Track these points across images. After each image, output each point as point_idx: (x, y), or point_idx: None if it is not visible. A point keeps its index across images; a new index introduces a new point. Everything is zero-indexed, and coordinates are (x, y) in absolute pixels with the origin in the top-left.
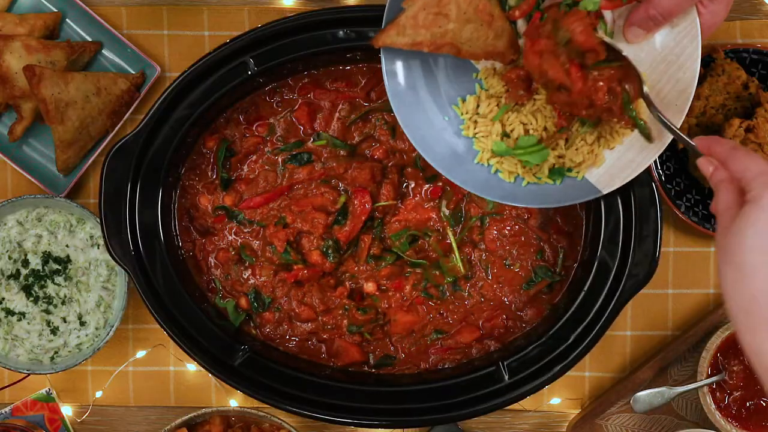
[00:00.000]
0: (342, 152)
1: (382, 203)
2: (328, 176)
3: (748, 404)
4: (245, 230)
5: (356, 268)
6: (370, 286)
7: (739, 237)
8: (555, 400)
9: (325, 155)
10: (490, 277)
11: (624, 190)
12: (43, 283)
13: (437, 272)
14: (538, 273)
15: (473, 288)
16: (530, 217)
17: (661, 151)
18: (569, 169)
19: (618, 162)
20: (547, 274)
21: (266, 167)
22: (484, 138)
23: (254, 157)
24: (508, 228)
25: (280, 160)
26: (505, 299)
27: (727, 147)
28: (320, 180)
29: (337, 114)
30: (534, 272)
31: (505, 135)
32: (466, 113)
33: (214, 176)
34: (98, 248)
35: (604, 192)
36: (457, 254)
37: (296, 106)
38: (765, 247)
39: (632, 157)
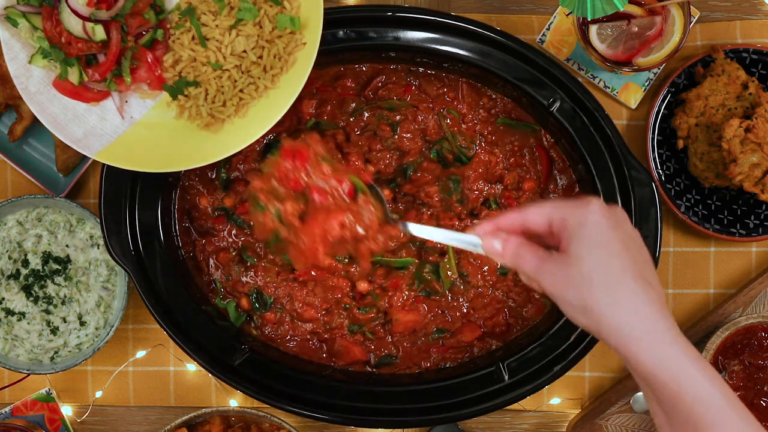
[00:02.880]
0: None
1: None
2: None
3: (747, 404)
4: (245, 231)
5: (352, 267)
6: (363, 285)
7: (578, 256)
8: (555, 400)
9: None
10: (487, 277)
11: (624, 190)
12: (43, 283)
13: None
14: None
15: (471, 287)
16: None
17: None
18: None
19: None
20: None
21: (254, 165)
22: None
23: (248, 156)
24: None
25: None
26: (505, 297)
27: (514, 213)
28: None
29: (332, 103)
30: None
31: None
32: None
33: (214, 176)
34: (98, 248)
35: None
36: (452, 255)
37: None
38: (602, 254)
39: None
